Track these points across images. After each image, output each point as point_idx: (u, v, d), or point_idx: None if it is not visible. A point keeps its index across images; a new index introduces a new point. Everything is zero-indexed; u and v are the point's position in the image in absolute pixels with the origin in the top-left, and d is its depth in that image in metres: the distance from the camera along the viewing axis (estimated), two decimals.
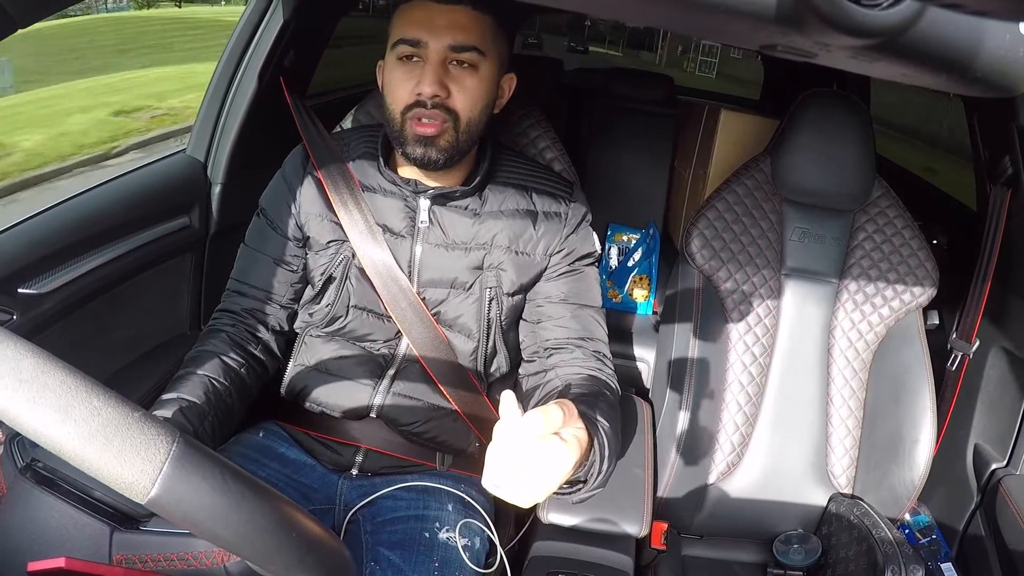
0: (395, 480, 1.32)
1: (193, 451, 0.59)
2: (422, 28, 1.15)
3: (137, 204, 1.55)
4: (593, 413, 1.06)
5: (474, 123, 1.20)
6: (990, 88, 0.59)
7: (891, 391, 1.65)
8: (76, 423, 0.55)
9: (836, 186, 1.65)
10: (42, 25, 2.23)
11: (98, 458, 0.55)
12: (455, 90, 1.17)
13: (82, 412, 0.55)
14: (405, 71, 1.17)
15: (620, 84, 2.96)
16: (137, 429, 0.57)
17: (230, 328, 1.31)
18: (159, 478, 0.57)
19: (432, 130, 1.16)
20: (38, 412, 0.54)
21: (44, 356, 0.56)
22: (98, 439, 0.55)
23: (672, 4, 0.56)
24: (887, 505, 1.62)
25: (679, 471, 1.61)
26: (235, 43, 1.69)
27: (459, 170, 1.29)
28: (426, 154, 1.18)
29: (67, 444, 0.55)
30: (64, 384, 0.55)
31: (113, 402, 0.57)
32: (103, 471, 0.56)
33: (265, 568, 0.64)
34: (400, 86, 1.18)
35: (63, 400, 0.55)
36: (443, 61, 1.16)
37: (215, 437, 1.19)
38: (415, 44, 1.16)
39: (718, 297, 1.65)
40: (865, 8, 0.49)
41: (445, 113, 1.16)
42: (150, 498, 0.57)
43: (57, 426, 0.54)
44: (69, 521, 0.73)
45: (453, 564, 1.21)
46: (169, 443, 0.58)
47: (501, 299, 1.31)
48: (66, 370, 0.56)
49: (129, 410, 0.58)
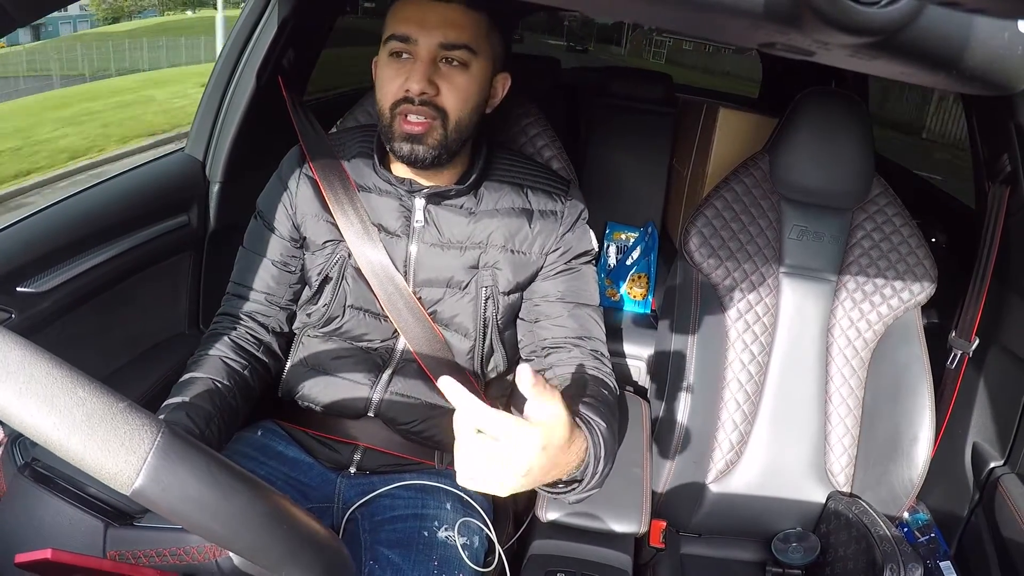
0: (393, 479, 1.32)
1: (179, 442, 0.59)
2: (413, 25, 1.15)
3: (135, 203, 1.55)
4: (589, 413, 1.06)
5: (464, 122, 1.20)
6: (988, 86, 0.59)
7: (890, 389, 1.65)
8: (60, 413, 0.55)
9: (835, 184, 1.65)
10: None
11: (82, 448, 0.55)
12: (444, 88, 1.16)
13: (66, 402, 0.55)
14: (396, 67, 1.17)
15: (618, 82, 2.96)
16: (121, 419, 0.57)
17: (231, 331, 1.31)
18: (143, 468, 0.57)
19: (420, 128, 1.16)
20: (24, 403, 0.54)
21: (31, 348, 0.56)
22: (82, 429, 0.55)
23: (672, 4, 0.56)
24: (886, 503, 1.62)
25: (677, 469, 1.61)
26: (233, 42, 1.69)
27: (454, 169, 1.29)
28: (413, 151, 1.17)
29: (52, 434, 0.55)
30: (50, 375, 0.55)
31: (98, 392, 0.57)
32: (87, 461, 0.56)
33: (256, 562, 0.64)
34: (390, 82, 1.17)
35: (48, 391, 0.55)
36: (433, 59, 1.16)
37: (221, 439, 1.19)
38: (406, 40, 1.15)
39: (716, 295, 1.65)
40: (864, 6, 0.49)
41: (433, 111, 1.16)
42: (135, 489, 0.57)
43: (42, 416, 0.54)
44: (64, 518, 0.73)
45: (452, 563, 1.21)
46: (154, 433, 0.58)
47: (497, 298, 1.31)
48: (52, 362, 0.56)
49: (114, 400, 0.57)
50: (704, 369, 1.62)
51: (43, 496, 0.74)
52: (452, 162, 1.26)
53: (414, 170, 1.25)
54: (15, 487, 0.75)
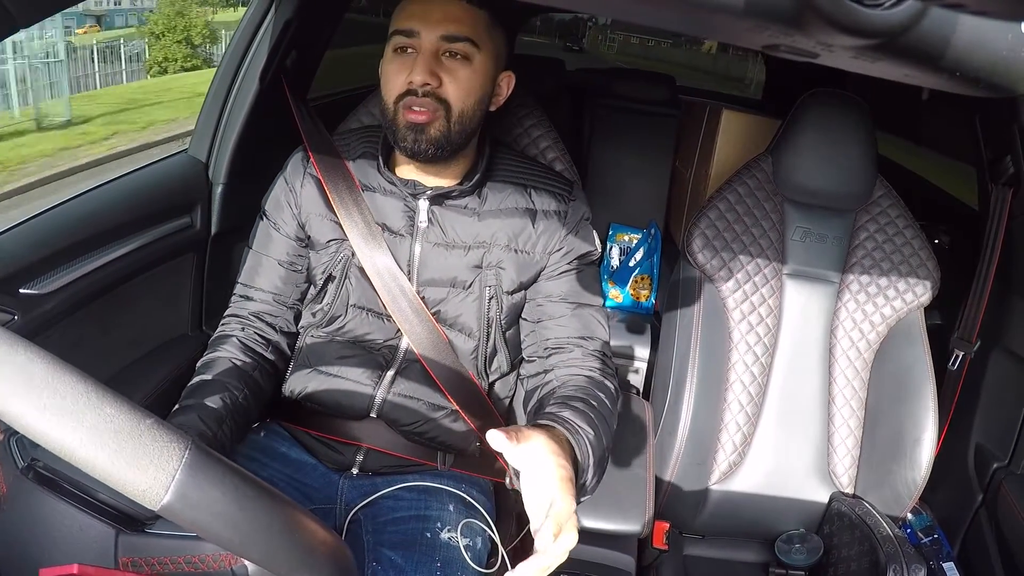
0: (396, 480, 1.32)
1: (205, 457, 0.60)
2: (416, 19, 1.17)
3: (138, 204, 1.55)
4: (577, 421, 1.08)
5: (467, 115, 1.20)
6: (992, 88, 0.59)
7: (893, 390, 1.65)
8: (88, 430, 0.55)
9: (838, 186, 1.65)
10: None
11: (110, 465, 0.55)
12: (447, 80, 1.17)
13: (94, 419, 0.55)
14: (400, 62, 1.18)
15: (622, 84, 2.96)
16: (149, 437, 0.57)
17: (239, 332, 1.32)
18: (172, 485, 0.57)
19: (423, 117, 1.16)
20: (49, 419, 0.54)
21: (55, 362, 0.56)
22: (110, 446, 0.55)
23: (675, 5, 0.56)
24: (889, 504, 1.62)
25: (681, 471, 1.61)
26: (237, 43, 1.69)
27: (457, 168, 1.29)
28: (416, 142, 1.18)
29: (79, 451, 0.55)
30: (76, 391, 0.55)
31: (125, 409, 0.57)
32: (115, 478, 0.56)
33: (272, 570, 0.64)
34: (394, 76, 1.19)
35: (75, 406, 0.55)
36: (436, 52, 1.17)
37: (233, 440, 1.20)
38: (409, 35, 1.17)
39: (719, 297, 1.65)
40: (868, 8, 0.49)
41: (436, 102, 1.17)
42: (163, 505, 0.57)
43: (69, 433, 0.55)
44: (74, 523, 0.73)
45: (455, 564, 1.21)
46: (182, 450, 0.58)
47: (501, 298, 1.31)
48: (77, 376, 0.56)
49: (141, 417, 0.58)
50: (707, 370, 1.62)
51: (48, 500, 0.73)
52: (456, 160, 1.26)
53: (418, 168, 1.26)
54: (17, 490, 0.74)
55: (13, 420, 0.54)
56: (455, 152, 1.23)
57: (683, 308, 1.67)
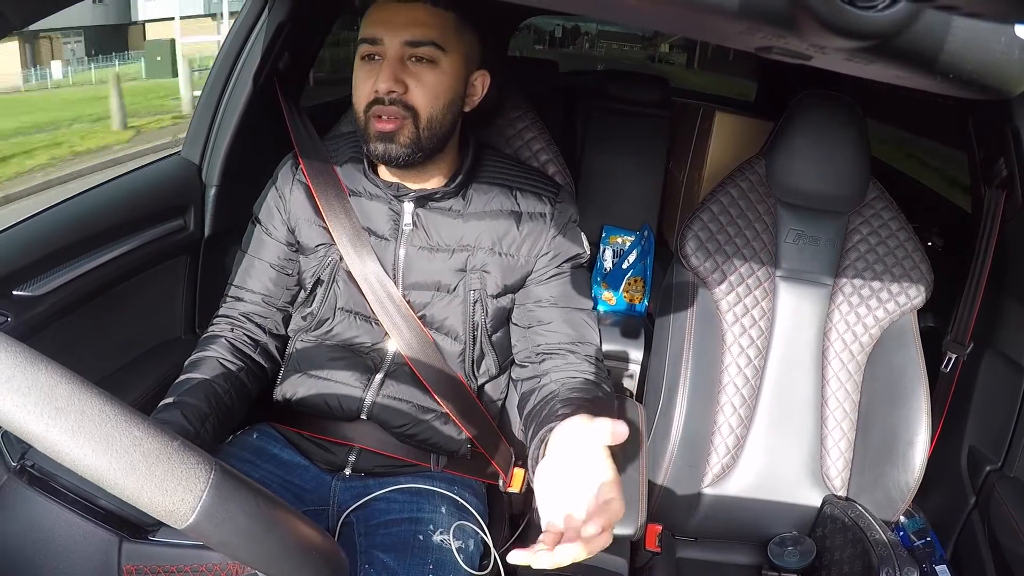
0: (388, 482, 1.31)
1: (229, 478, 0.61)
2: (380, 26, 1.17)
3: (132, 206, 1.55)
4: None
5: (436, 119, 1.20)
6: (986, 90, 0.59)
7: (886, 393, 1.65)
8: (118, 454, 0.56)
9: (831, 188, 1.65)
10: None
11: (139, 487, 0.57)
12: (413, 85, 1.17)
13: (124, 443, 0.56)
14: (367, 70, 1.19)
15: (615, 86, 2.97)
16: (178, 459, 0.59)
17: (228, 333, 1.33)
18: (199, 506, 0.58)
19: (391, 126, 1.17)
20: (79, 442, 0.55)
21: (80, 383, 0.57)
22: (140, 469, 0.56)
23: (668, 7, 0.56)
24: (882, 507, 1.62)
25: (673, 473, 1.61)
26: (230, 45, 1.68)
27: (440, 170, 1.29)
28: (387, 151, 1.18)
29: (107, 474, 0.56)
30: (103, 413, 0.56)
31: (153, 432, 0.58)
32: (143, 500, 0.57)
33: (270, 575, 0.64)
34: (362, 84, 1.19)
35: (103, 430, 0.56)
36: (400, 57, 1.17)
37: (215, 438, 1.20)
38: (374, 42, 1.17)
39: (712, 299, 1.65)
40: (861, 10, 0.49)
41: (403, 109, 1.17)
42: (189, 524, 0.58)
43: (98, 457, 0.55)
44: (77, 530, 0.72)
45: (447, 566, 1.20)
46: (208, 472, 0.60)
47: (485, 301, 1.31)
48: (103, 398, 0.57)
49: (168, 439, 0.59)
50: (700, 373, 1.62)
51: (44, 504, 0.73)
52: (436, 162, 1.27)
53: (399, 173, 1.26)
54: (9, 492, 0.74)
55: (38, 441, 0.55)
56: (430, 156, 1.24)
57: (676, 311, 1.67)
